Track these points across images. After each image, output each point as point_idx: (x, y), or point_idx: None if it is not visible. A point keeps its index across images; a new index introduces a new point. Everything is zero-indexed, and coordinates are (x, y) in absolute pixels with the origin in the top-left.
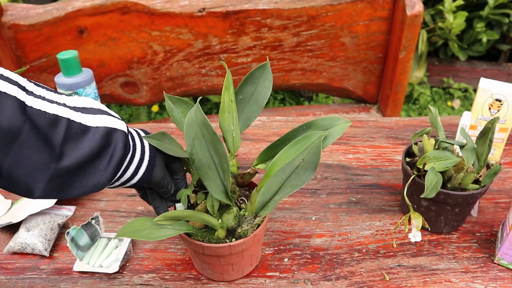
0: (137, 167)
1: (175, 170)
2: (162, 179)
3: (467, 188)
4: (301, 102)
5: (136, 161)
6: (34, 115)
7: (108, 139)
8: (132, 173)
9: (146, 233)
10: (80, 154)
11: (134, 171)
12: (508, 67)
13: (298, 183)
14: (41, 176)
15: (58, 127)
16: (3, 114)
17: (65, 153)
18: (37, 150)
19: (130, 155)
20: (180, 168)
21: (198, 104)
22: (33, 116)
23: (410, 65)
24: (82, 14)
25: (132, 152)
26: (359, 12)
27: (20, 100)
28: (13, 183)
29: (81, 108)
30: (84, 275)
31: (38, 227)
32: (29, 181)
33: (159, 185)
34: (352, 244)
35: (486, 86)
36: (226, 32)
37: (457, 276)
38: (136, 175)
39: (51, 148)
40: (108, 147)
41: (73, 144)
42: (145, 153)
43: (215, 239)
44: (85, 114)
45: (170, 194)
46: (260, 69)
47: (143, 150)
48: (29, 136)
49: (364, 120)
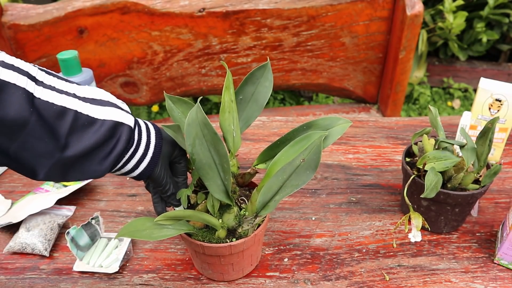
0: (138, 162)
1: (178, 172)
2: (162, 178)
3: (467, 188)
4: (301, 102)
5: (138, 156)
6: (42, 107)
7: (113, 132)
8: (133, 166)
9: (147, 233)
10: (84, 145)
11: (135, 165)
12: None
13: (298, 183)
14: (45, 163)
15: (65, 118)
16: (11, 105)
17: (70, 143)
18: (43, 141)
19: (133, 150)
20: (184, 171)
21: (199, 104)
22: (40, 107)
23: (410, 65)
24: (82, 14)
25: (136, 147)
26: (359, 12)
27: (29, 92)
28: (19, 165)
29: (90, 99)
30: (84, 275)
31: (38, 227)
32: (33, 164)
33: (157, 183)
34: (352, 244)
35: (486, 86)
36: (226, 32)
37: (457, 276)
38: (137, 169)
39: (56, 139)
40: (112, 138)
41: (78, 135)
42: (149, 150)
43: (216, 239)
44: (93, 105)
45: (167, 195)
46: (260, 69)
47: (148, 146)
48: (36, 127)
49: (364, 120)
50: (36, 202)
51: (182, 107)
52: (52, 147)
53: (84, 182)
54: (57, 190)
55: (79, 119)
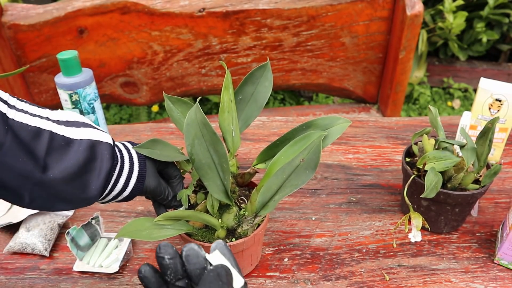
0: (127, 178)
1: (170, 175)
2: (157, 187)
3: (467, 188)
4: (301, 102)
5: (126, 172)
6: (16, 127)
7: (93, 152)
8: (123, 185)
9: (147, 233)
10: (65, 166)
11: (124, 183)
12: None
13: (298, 182)
14: (27, 184)
15: (41, 139)
16: None
17: (50, 164)
18: (21, 160)
19: (119, 167)
20: (175, 171)
21: (198, 104)
22: (14, 127)
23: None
24: (82, 14)
25: (121, 164)
26: (359, 12)
27: (2, 112)
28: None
29: (64, 121)
30: (84, 275)
31: (38, 227)
32: (16, 186)
33: (155, 193)
34: (352, 244)
35: (486, 86)
36: (226, 32)
37: (457, 276)
38: (128, 187)
39: (35, 159)
40: (95, 160)
41: (57, 156)
42: (134, 164)
43: (215, 239)
44: (68, 127)
45: (169, 200)
46: (260, 69)
47: (132, 160)
48: (12, 146)
49: (364, 120)
50: None
51: (181, 108)
52: (32, 167)
53: None
54: None
55: (55, 139)
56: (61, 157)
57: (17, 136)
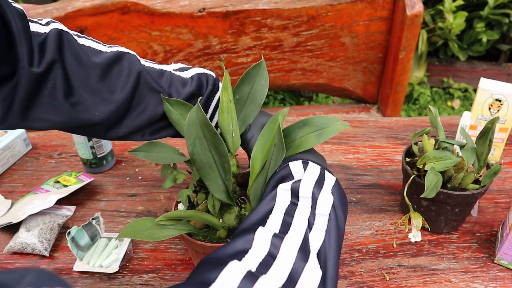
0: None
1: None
2: None
3: (467, 188)
4: (301, 102)
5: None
6: (147, 66)
7: (201, 81)
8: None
9: (148, 233)
10: (185, 93)
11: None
12: (508, 67)
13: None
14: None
15: (164, 77)
16: (132, 61)
17: (172, 95)
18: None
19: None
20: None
21: (199, 104)
22: (146, 66)
23: (410, 65)
24: (82, 14)
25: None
26: (359, 12)
27: (138, 57)
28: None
29: (178, 69)
30: (84, 275)
31: (38, 227)
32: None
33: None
34: (352, 244)
35: (486, 86)
36: (226, 32)
37: (457, 276)
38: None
39: (163, 90)
40: (202, 87)
41: (177, 88)
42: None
43: (217, 239)
44: (182, 72)
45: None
46: (255, 68)
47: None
48: (147, 77)
49: (364, 120)
50: (36, 202)
51: (180, 109)
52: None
53: (85, 181)
54: (57, 190)
55: (174, 77)
56: (179, 91)
57: (148, 72)
